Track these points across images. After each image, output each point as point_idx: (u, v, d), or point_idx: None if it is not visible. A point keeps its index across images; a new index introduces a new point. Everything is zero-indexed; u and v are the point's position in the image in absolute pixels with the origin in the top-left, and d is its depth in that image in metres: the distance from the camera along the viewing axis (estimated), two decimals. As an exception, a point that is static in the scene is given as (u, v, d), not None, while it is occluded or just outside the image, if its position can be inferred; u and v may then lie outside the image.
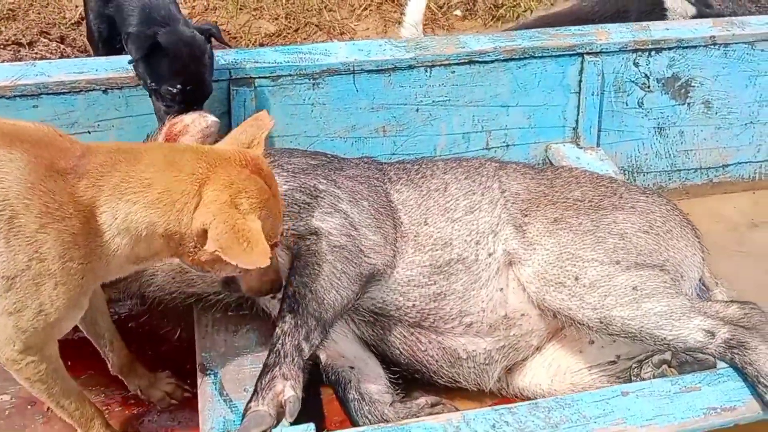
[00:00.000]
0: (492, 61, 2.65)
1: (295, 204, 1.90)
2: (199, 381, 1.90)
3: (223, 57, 2.45)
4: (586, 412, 1.50)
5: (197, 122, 2.04)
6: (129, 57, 2.22)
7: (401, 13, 3.14)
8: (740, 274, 2.71)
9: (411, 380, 2.08)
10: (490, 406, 2.14)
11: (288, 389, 1.55)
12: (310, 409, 1.97)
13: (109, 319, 1.94)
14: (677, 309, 1.69)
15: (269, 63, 2.46)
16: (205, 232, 1.47)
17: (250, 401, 1.57)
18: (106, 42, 2.54)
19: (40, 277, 1.47)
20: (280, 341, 1.65)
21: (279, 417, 1.55)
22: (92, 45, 2.70)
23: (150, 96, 2.24)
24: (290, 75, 2.47)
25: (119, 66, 2.34)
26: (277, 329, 1.70)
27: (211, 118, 2.05)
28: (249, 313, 2.05)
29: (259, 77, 2.44)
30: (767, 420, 1.56)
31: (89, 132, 2.39)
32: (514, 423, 1.47)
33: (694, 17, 3.11)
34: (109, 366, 1.96)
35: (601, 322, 1.74)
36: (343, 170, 2.08)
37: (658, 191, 2.95)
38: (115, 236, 1.50)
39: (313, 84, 2.51)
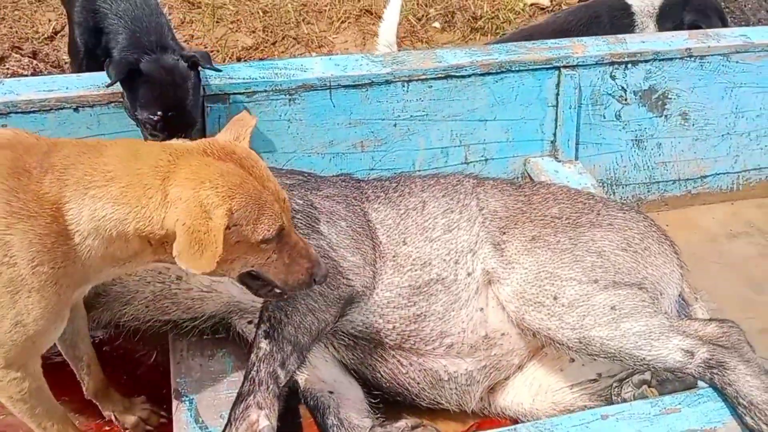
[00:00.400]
0: (469, 76, 2.64)
1: (271, 226, 1.86)
2: (174, 407, 1.86)
3: (196, 74, 2.41)
4: (566, 437, 1.49)
5: None
6: (103, 73, 2.18)
7: (380, 25, 3.13)
8: (719, 285, 2.73)
9: (393, 403, 2.05)
10: (471, 426, 2.16)
11: (262, 419, 1.51)
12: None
13: (89, 342, 1.89)
14: (656, 329, 1.68)
15: (244, 79, 2.43)
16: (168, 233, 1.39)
17: (223, 431, 1.53)
18: (92, 54, 2.50)
19: (12, 284, 1.39)
20: (255, 368, 1.62)
21: (254, 448, 1.52)
22: (74, 59, 2.65)
23: (137, 125, 2.19)
24: (265, 91, 2.44)
25: (90, 83, 2.30)
26: (252, 356, 1.66)
27: None
28: (225, 338, 2.01)
29: (234, 93, 2.41)
30: (748, 441, 1.55)
31: (60, 152, 2.34)
32: (493, 450, 1.45)
33: (660, 13, 3.14)
34: (84, 390, 1.91)
35: (581, 342, 1.73)
36: (319, 190, 2.05)
37: (636, 207, 2.97)
38: (86, 237, 1.41)
39: (289, 99, 2.48)
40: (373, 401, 2.00)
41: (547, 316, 1.77)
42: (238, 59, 3.39)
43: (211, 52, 3.43)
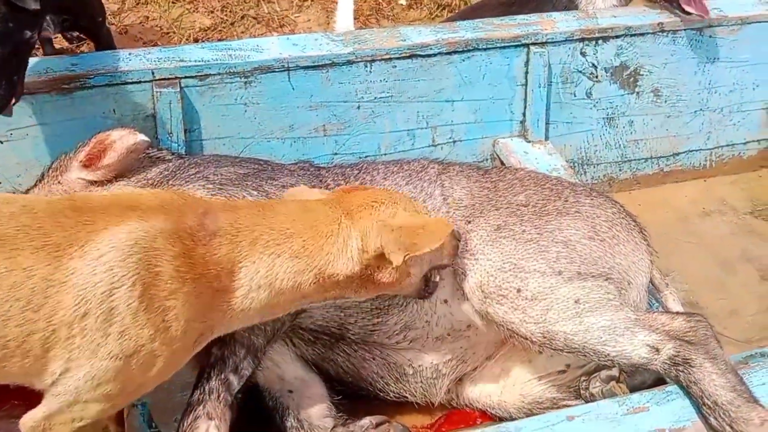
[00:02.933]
0: (435, 54, 2.54)
1: (222, 220, 1.77)
2: (126, 412, 1.78)
3: (144, 56, 2.29)
4: (529, 441, 1.43)
5: (125, 139, 1.89)
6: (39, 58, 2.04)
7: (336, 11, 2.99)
8: (691, 265, 2.70)
9: (357, 397, 1.99)
10: (439, 418, 2.11)
11: (212, 430, 1.44)
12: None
13: None
14: (621, 323, 1.62)
15: (196, 61, 2.31)
16: (381, 255, 1.48)
17: (170, 445, 1.46)
18: None
19: (159, 351, 1.34)
20: (206, 375, 1.54)
21: (203, 461, 1.44)
22: None
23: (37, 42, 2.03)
24: (219, 74, 2.32)
25: (30, 70, 2.16)
26: (203, 362, 1.57)
27: (141, 137, 1.90)
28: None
29: (185, 77, 2.29)
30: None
31: (2, 142, 2.21)
32: (453, 457, 1.39)
33: None
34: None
35: (544, 337, 1.67)
36: (276, 179, 1.95)
37: (608, 183, 2.91)
38: (252, 290, 1.42)
39: (245, 82, 2.36)
40: (337, 398, 1.93)
41: (511, 310, 1.71)
42: (195, 41, 3.24)
43: (167, 33, 3.28)
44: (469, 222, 1.91)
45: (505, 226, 1.85)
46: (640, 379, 1.75)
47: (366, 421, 1.87)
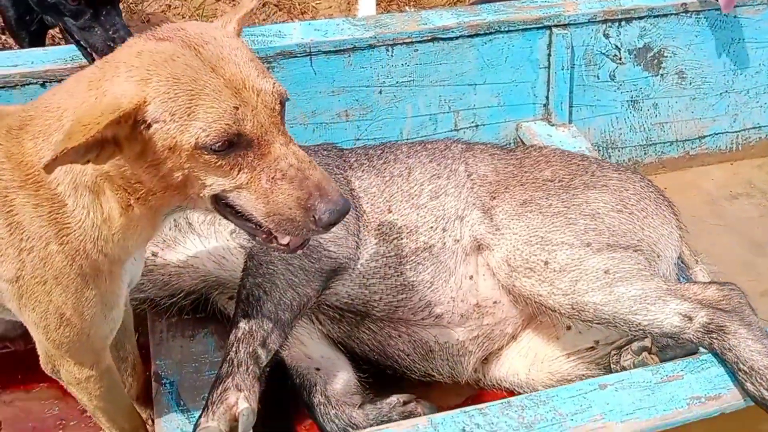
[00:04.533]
0: (456, 38, 2.53)
1: (248, 198, 1.77)
2: (153, 391, 1.78)
3: (169, 43, 2.30)
4: (562, 409, 1.41)
5: None
6: (68, 47, 2.07)
7: None
8: (720, 247, 2.65)
9: (384, 376, 1.98)
10: (467, 398, 2.09)
11: (242, 401, 1.43)
12: (275, 413, 1.87)
13: (134, 341, 1.81)
14: (652, 292, 1.59)
15: (219, 48, 2.32)
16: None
17: (200, 416, 1.46)
18: (21, 23, 2.37)
19: (36, 271, 1.24)
20: (234, 349, 1.54)
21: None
22: (12, 35, 2.53)
23: (68, 34, 2.08)
24: (242, 60, 2.32)
25: (57, 57, 2.19)
26: (230, 336, 1.58)
27: None
28: (207, 316, 1.93)
29: (209, 64, 2.29)
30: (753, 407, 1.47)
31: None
32: (485, 425, 1.37)
33: None
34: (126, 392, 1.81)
35: (573, 308, 1.64)
36: (299, 159, 1.95)
37: (633, 167, 2.88)
38: (70, 197, 1.19)
39: (268, 68, 2.32)
40: (363, 376, 1.92)
41: (539, 282, 1.69)
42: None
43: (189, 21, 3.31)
44: (494, 198, 1.90)
45: (531, 201, 1.83)
46: (671, 354, 1.72)
47: (394, 398, 1.86)
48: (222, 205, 1.19)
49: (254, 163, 1.14)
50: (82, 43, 2.09)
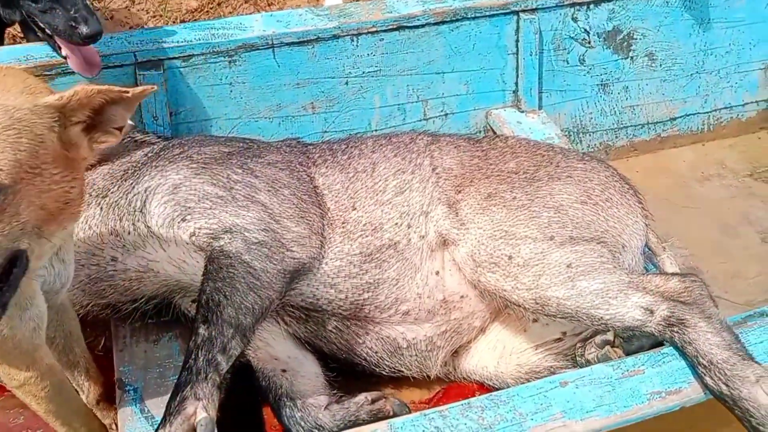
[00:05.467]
0: (422, 26, 2.49)
1: (207, 199, 1.74)
2: (117, 398, 1.76)
3: (126, 39, 2.25)
4: (522, 408, 1.40)
5: None
6: (16, 46, 2.02)
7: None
8: (692, 230, 2.66)
9: (354, 373, 1.97)
10: (438, 392, 2.09)
11: (200, 411, 1.41)
12: (241, 420, 1.86)
13: (84, 345, 1.78)
14: (614, 286, 1.58)
15: (178, 42, 2.27)
16: None
17: (158, 428, 1.43)
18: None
19: None
20: (193, 356, 1.51)
21: (191, 442, 1.42)
22: None
23: (31, 24, 2.08)
24: (203, 54, 2.28)
25: (11, 57, 2.13)
26: (190, 343, 1.55)
27: None
28: (171, 320, 1.90)
29: (169, 58, 2.25)
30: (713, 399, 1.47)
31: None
32: (445, 428, 1.36)
33: None
34: (83, 398, 1.78)
35: (537, 303, 1.64)
36: (261, 156, 1.92)
37: (605, 151, 2.87)
38: None
39: (230, 62, 2.32)
40: (331, 375, 1.91)
41: (503, 277, 1.68)
42: (183, 23, 3.20)
43: (153, 17, 3.24)
44: (459, 191, 1.88)
45: (496, 194, 1.81)
46: (637, 344, 1.71)
47: (361, 397, 1.85)
48: None
49: None
50: (46, 30, 2.05)
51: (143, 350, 1.85)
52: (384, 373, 1.96)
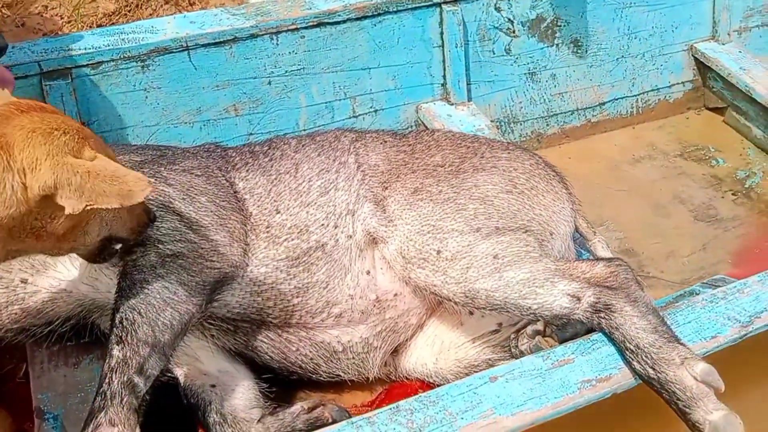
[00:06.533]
0: (344, 21, 2.44)
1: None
2: (36, 429, 1.66)
3: (29, 48, 2.14)
4: (452, 408, 1.36)
5: None
6: None
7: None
8: (625, 212, 2.68)
9: (291, 382, 1.90)
10: (380, 394, 2.04)
11: (115, 436, 1.33)
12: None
13: None
14: (540, 274, 1.56)
15: (86, 49, 2.16)
16: (47, 198, 1.19)
17: (69, 458, 1.35)
18: None
19: None
20: (107, 380, 1.42)
21: (107, 471, 1.34)
22: None
23: None
24: (113, 60, 2.18)
25: None
26: (104, 366, 1.46)
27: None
28: (90, 341, 1.80)
29: (77, 66, 2.14)
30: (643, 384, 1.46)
31: None
32: (373, 434, 1.31)
33: None
34: None
35: (467, 296, 1.60)
36: (175, 163, 1.84)
37: (537, 140, 2.87)
38: None
39: (142, 66, 2.23)
40: (266, 386, 1.84)
41: (432, 272, 1.64)
42: (100, 27, 3.06)
43: (68, 23, 3.09)
44: (386, 188, 1.83)
45: (422, 188, 1.77)
46: (572, 331, 1.69)
47: (297, 407, 1.78)
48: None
49: None
50: None
51: (63, 375, 1.75)
52: (322, 379, 1.90)
